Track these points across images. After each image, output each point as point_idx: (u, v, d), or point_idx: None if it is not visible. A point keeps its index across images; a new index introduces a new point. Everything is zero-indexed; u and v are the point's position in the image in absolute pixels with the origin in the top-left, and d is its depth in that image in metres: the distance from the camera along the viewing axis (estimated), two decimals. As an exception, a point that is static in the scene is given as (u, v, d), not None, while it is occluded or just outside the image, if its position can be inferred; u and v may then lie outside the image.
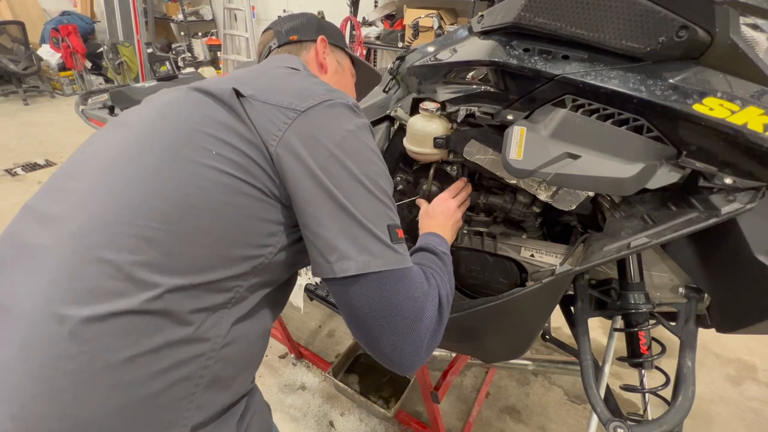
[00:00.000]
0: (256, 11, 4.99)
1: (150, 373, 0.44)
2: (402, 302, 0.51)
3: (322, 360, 1.71)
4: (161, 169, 0.49)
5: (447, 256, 0.68)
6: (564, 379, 1.69)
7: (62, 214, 0.49)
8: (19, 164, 3.39)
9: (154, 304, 0.44)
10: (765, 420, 1.56)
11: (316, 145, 0.51)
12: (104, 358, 0.42)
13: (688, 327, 0.71)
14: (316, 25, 0.83)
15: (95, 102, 1.78)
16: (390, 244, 0.52)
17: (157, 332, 0.44)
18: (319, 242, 0.51)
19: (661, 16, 0.55)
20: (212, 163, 0.49)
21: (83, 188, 0.50)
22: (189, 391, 0.47)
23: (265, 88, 0.55)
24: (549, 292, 0.72)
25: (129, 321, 0.43)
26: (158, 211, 0.47)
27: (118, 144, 0.53)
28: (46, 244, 0.47)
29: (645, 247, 0.61)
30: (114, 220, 0.46)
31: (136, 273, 0.44)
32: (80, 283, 0.44)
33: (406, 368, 0.53)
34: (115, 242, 0.45)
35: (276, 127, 0.51)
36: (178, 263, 0.46)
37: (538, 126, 0.65)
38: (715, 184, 0.58)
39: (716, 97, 0.53)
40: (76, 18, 5.14)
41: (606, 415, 0.67)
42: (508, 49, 0.68)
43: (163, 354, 0.45)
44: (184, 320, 0.46)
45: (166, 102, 0.57)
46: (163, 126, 0.53)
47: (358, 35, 3.64)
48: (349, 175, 0.52)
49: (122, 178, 0.49)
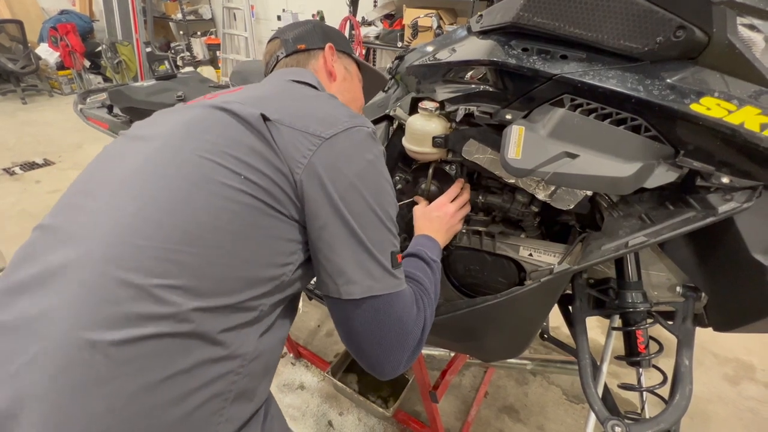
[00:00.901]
0: (255, 10, 4.99)
1: (183, 392, 0.45)
2: (393, 323, 0.56)
3: (320, 359, 1.71)
4: (191, 192, 0.49)
5: (437, 265, 0.72)
6: (562, 378, 1.70)
7: (87, 234, 0.48)
8: (17, 163, 3.38)
9: (185, 326, 0.45)
10: (763, 419, 1.56)
11: (338, 175, 0.54)
12: (139, 380, 0.43)
13: (685, 326, 0.72)
14: (322, 32, 0.83)
15: (94, 101, 1.77)
16: (390, 270, 0.56)
17: (190, 353, 0.45)
18: (330, 266, 0.55)
19: (658, 16, 0.56)
20: (242, 187, 0.50)
21: (105, 207, 0.49)
22: (219, 406, 0.48)
23: (290, 111, 0.57)
24: (547, 291, 0.72)
25: (161, 343, 0.44)
26: (189, 235, 0.47)
27: (140, 161, 0.53)
28: (71, 265, 0.46)
29: (643, 246, 0.62)
30: (144, 244, 0.46)
31: (167, 297, 0.45)
32: (111, 307, 0.43)
33: (384, 377, 0.59)
34: (145, 266, 0.45)
35: (301, 153, 0.53)
36: (207, 286, 0.47)
37: (537, 125, 0.65)
38: (712, 183, 0.58)
39: (713, 96, 0.53)
40: (74, 17, 5.13)
41: (604, 413, 0.68)
42: (507, 48, 0.68)
43: (195, 374, 0.46)
44: (215, 340, 0.47)
45: (189, 120, 0.57)
46: (189, 146, 0.52)
47: (357, 35, 3.64)
48: (366, 205, 0.55)
49: (151, 199, 0.49)
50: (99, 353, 0.42)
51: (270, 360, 0.57)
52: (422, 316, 0.60)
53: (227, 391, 0.49)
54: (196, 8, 5.79)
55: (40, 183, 3.14)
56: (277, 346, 0.59)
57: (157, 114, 0.64)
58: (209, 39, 5.67)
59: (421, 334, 0.59)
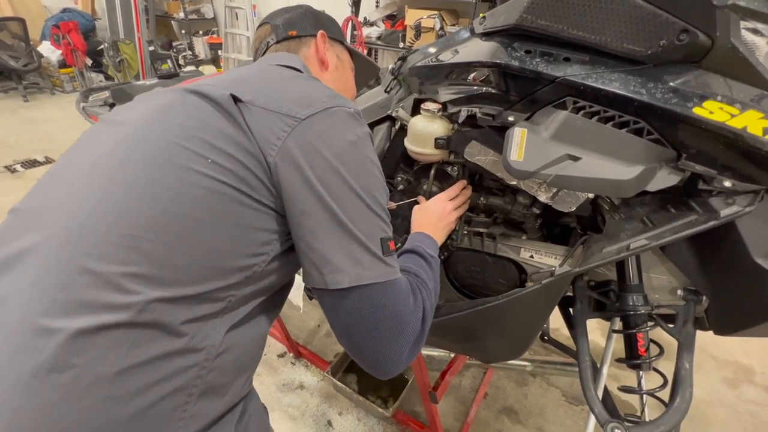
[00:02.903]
0: (257, 10, 4.99)
1: (143, 385, 0.43)
2: (388, 315, 0.52)
3: (320, 359, 1.71)
4: (155, 177, 0.47)
5: (435, 260, 0.69)
6: (562, 380, 1.70)
7: (50, 219, 0.47)
8: (18, 161, 3.38)
9: (145, 316, 0.43)
10: (762, 423, 1.56)
11: (315, 156, 0.51)
12: (96, 370, 0.41)
13: (686, 329, 0.72)
14: (314, 17, 0.80)
15: (96, 99, 1.77)
16: (381, 257, 0.53)
17: (150, 344, 0.44)
18: (314, 255, 0.51)
19: (662, 19, 0.56)
20: (208, 171, 0.48)
21: (72, 192, 0.48)
22: (182, 401, 0.46)
23: (264, 92, 0.54)
24: (548, 293, 0.73)
25: (120, 333, 0.42)
26: (153, 222, 0.45)
27: (111, 146, 0.51)
28: (34, 250, 0.45)
29: (644, 249, 0.62)
30: (105, 230, 0.44)
31: (127, 285, 0.43)
32: (69, 294, 0.42)
33: (384, 374, 0.55)
34: (106, 253, 0.44)
35: (275, 135, 0.50)
36: (170, 275, 0.45)
37: (539, 128, 0.65)
38: (714, 187, 0.58)
39: (716, 100, 0.53)
40: (76, 15, 5.13)
41: (604, 416, 0.68)
42: (510, 50, 0.68)
43: (156, 366, 0.44)
44: (177, 331, 0.45)
45: (160, 104, 0.55)
46: (157, 130, 0.50)
47: (359, 35, 3.64)
48: (347, 188, 0.52)
49: (114, 185, 0.47)
50: (54, 341, 0.40)
51: (244, 357, 0.54)
52: (420, 307, 0.56)
53: (191, 386, 0.46)
54: (198, 7, 5.79)
55: (41, 181, 3.14)
56: (253, 344, 0.56)
57: (137, 98, 0.61)
58: (211, 38, 5.67)
59: (422, 326, 0.55)
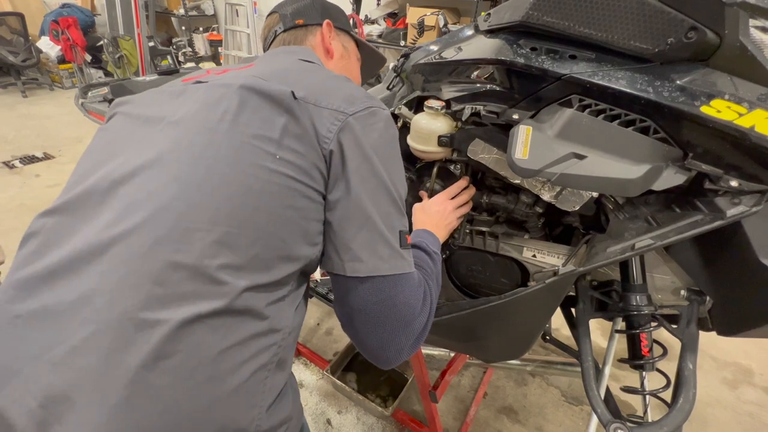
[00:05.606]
0: (257, 7, 4.98)
1: (237, 363, 0.47)
2: (398, 306, 0.55)
3: (320, 358, 1.71)
4: (229, 174, 0.50)
5: (438, 257, 0.72)
6: (561, 380, 1.70)
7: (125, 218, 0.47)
8: (17, 156, 3.37)
9: (238, 302, 0.47)
10: (761, 424, 1.56)
11: (358, 150, 0.55)
12: (199, 354, 0.45)
13: (689, 330, 0.72)
14: (321, 7, 0.82)
15: (95, 95, 1.76)
16: (399, 249, 0.56)
17: (241, 327, 0.48)
18: (337, 240, 0.55)
19: (670, 17, 0.55)
20: (277, 167, 0.51)
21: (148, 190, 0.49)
22: (264, 375, 0.50)
23: (313, 90, 0.58)
24: (551, 292, 0.72)
25: (217, 320, 0.46)
26: (234, 217, 0.49)
27: (174, 144, 0.52)
28: (114, 250, 0.46)
29: (649, 249, 0.61)
30: (192, 227, 0.47)
31: (220, 276, 0.47)
32: (167, 288, 0.45)
33: (386, 365, 0.58)
34: (196, 248, 0.47)
35: (327, 129, 0.55)
36: (254, 264, 0.49)
37: (544, 126, 0.65)
38: (720, 186, 0.58)
39: (724, 99, 0.53)
40: (76, 10, 5.11)
41: (606, 416, 0.67)
42: (515, 47, 0.68)
43: (247, 346, 0.48)
44: (262, 314, 0.50)
45: (214, 100, 0.55)
46: (224, 129, 0.52)
47: (360, 33, 3.63)
48: (380, 181, 0.56)
49: (190, 183, 0.49)
50: (159, 332, 0.43)
51: (299, 333, 0.59)
52: (429, 301, 0.59)
53: (270, 362, 0.51)
54: (198, 4, 5.77)
55: (40, 177, 3.13)
56: (302, 321, 0.61)
57: (157, 93, 0.62)
58: (211, 35, 5.66)
59: (427, 320, 0.58)
